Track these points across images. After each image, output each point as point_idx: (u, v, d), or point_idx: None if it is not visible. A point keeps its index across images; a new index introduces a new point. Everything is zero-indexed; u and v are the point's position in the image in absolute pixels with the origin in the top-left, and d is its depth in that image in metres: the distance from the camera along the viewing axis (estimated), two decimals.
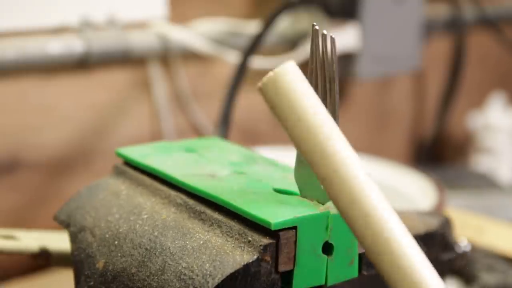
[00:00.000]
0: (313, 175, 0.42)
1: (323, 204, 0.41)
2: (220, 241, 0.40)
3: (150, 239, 0.43)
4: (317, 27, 0.40)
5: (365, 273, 0.43)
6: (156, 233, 0.43)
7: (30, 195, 0.84)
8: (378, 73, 1.05)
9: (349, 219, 0.31)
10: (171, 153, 0.51)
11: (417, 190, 0.77)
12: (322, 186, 0.35)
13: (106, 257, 0.44)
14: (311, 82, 0.41)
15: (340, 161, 0.32)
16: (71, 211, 0.49)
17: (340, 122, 0.40)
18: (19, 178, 0.82)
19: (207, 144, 0.53)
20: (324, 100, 0.40)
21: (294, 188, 0.44)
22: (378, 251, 0.30)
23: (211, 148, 0.52)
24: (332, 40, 0.40)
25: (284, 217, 0.40)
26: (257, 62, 0.91)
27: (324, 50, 0.40)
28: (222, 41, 0.91)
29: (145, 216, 0.45)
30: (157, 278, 0.41)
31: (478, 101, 1.29)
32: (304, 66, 0.37)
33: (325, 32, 0.40)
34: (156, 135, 0.92)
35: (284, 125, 0.34)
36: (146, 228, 0.44)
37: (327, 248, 0.41)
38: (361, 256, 0.43)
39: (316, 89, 0.41)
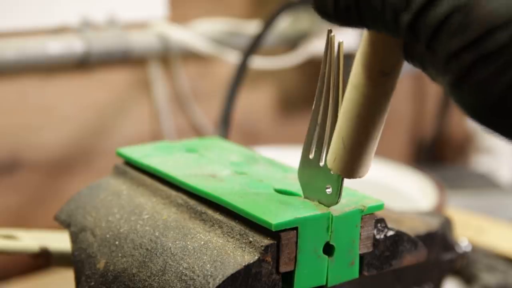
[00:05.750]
0: (317, 176, 0.42)
1: (325, 205, 0.41)
2: (221, 241, 0.40)
3: (151, 240, 0.43)
4: (333, 34, 0.40)
5: (366, 273, 0.43)
6: (157, 234, 0.43)
7: (30, 195, 0.84)
8: None
9: None
10: (172, 153, 0.51)
11: (417, 190, 0.76)
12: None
13: (107, 257, 0.44)
14: (322, 86, 0.41)
15: None
16: (72, 211, 0.49)
17: None
18: (19, 178, 0.82)
19: (208, 144, 0.53)
20: (336, 104, 0.41)
21: (295, 188, 0.44)
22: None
23: (211, 148, 0.52)
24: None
25: (285, 218, 0.39)
26: (257, 62, 0.91)
27: (339, 57, 0.41)
28: (222, 41, 0.91)
29: (146, 217, 0.45)
30: (158, 279, 0.41)
31: None
32: (304, 66, 0.37)
33: (341, 40, 0.41)
34: (156, 135, 0.92)
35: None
36: (147, 228, 0.43)
37: (328, 249, 0.41)
38: (362, 257, 0.43)
39: (327, 92, 0.41)
